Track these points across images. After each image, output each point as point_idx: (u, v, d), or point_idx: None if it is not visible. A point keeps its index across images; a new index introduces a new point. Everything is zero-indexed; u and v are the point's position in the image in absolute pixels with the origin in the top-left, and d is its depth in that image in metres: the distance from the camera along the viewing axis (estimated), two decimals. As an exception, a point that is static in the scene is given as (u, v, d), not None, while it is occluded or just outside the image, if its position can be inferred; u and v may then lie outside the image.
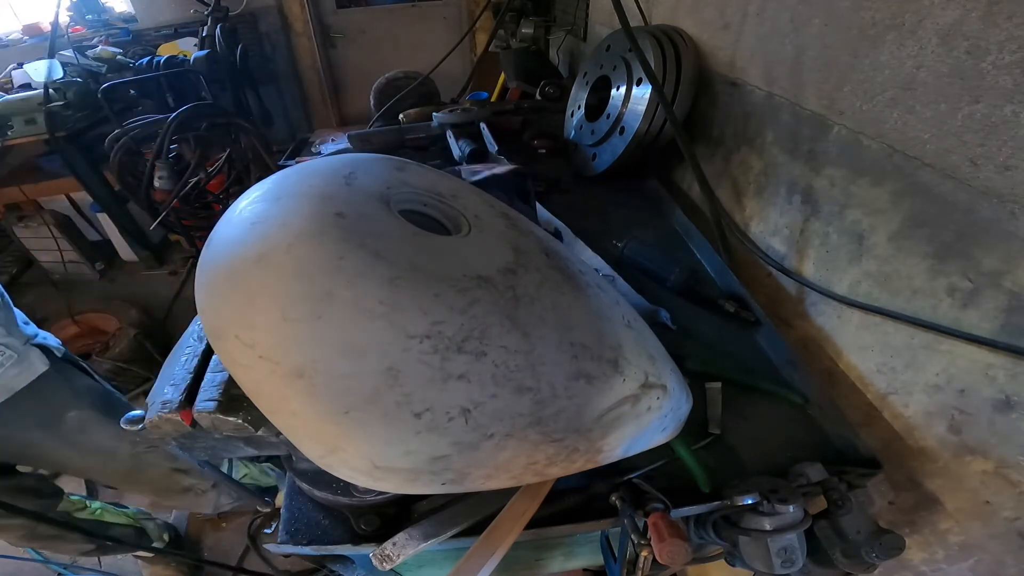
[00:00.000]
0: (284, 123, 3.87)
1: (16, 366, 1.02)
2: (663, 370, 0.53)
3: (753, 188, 1.00)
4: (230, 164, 2.21)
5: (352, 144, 1.50)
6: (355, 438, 0.38)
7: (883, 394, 0.71)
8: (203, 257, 0.43)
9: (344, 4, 3.70)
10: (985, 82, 0.54)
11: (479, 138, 1.40)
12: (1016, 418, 0.54)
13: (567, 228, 1.06)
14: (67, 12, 3.02)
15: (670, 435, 0.57)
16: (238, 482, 1.61)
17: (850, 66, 0.72)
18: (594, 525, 0.59)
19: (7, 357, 1.00)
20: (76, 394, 1.13)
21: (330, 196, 0.45)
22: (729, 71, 1.04)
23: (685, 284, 0.90)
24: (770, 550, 0.54)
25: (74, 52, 2.53)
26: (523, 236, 0.54)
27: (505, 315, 0.42)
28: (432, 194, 0.55)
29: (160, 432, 0.46)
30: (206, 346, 0.51)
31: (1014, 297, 0.53)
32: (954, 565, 0.66)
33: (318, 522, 0.59)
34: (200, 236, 2.37)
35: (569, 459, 0.46)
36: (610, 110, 1.21)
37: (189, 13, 3.10)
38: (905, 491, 0.70)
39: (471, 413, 0.39)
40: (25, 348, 1.04)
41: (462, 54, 3.74)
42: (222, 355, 0.40)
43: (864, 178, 0.72)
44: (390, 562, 0.52)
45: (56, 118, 2.26)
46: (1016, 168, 0.51)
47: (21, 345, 1.04)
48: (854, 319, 0.76)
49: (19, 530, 1.19)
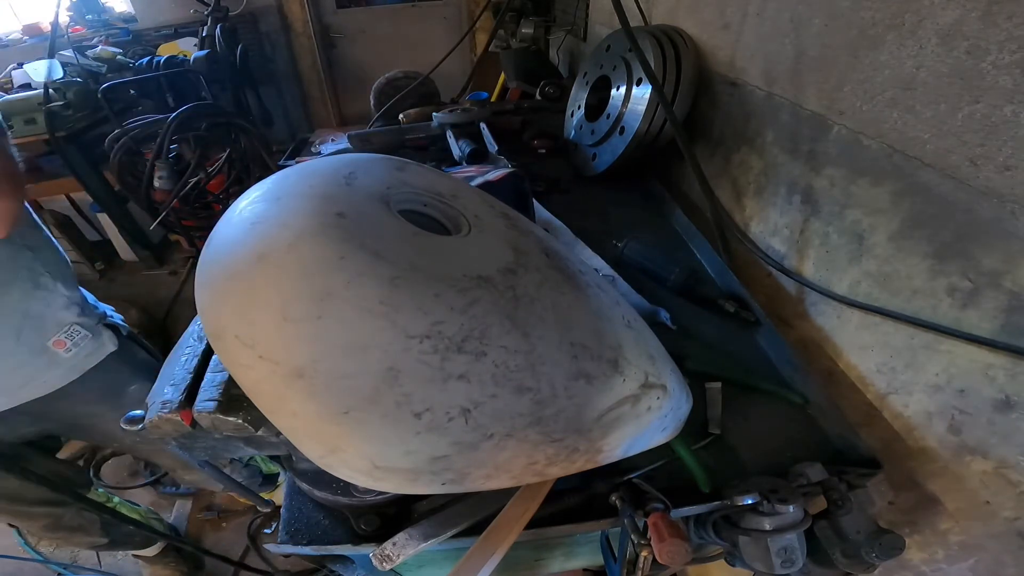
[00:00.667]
0: (284, 123, 3.87)
1: (90, 344, 1.03)
2: (663, 370, 0.53)
3: (753, 188, 1.00)
4: (230, 164, 2.21)
5: (352, 144, 1.50)
6: (355, 438, 0.38)
7: (883, 394, 0.71)
8: (203, 257, 0.43)
9: (344, 4, 3.71)
10: (985, 82, 0.54)
11: (479, 138, 1.40)
12: (1016, 418, 0.54)
13: (567, 228, 1.06)
14: (67, 12, 3.02)
15: (670, 435, 0.57)
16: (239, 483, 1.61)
17: (850, 66, 0.72)
18: (594, 525, 0.59)
19: (82, 336, 1.01)
20: (136, 368, 1.13)
21: (330, 196, 0.45)
22: (729, 71, 1.04)
23: (685, 284, 0.90)
24: (770, 550, 0.54)
25: (74, 52, 2.53)
26: (523, 236, 0.54)
27: (505, 315, 0.42)
28: (432, 194, 0.55)
29: (160, 432, 0.46)
30: (206, 346, 0.51)
31: (1014, 297, 0.53)
32: (954, 565, 0.66)
33: (318, 522, 0.59)
34: (200, 236, 2.37)
35: (569, 459, 0.45)
36: (610, 110, 1.21)
37: (189, 13, 3.11)
38: (905, 491, 0.70)
39: (471, 413, 0.39)
40: (98, 328, 1.05)
41: (462, 54, 3.74)
42: (222, 355, 0.40)
43: (864, 178, 0.72)
44: (390, 562, 0.52)
45: (56, 118, 2.26)
46: (1016, 168, 0.51)
47: (94, 324, 1.04)
48: (854, 319, 0.76)
49: (43, 519, 1.18)
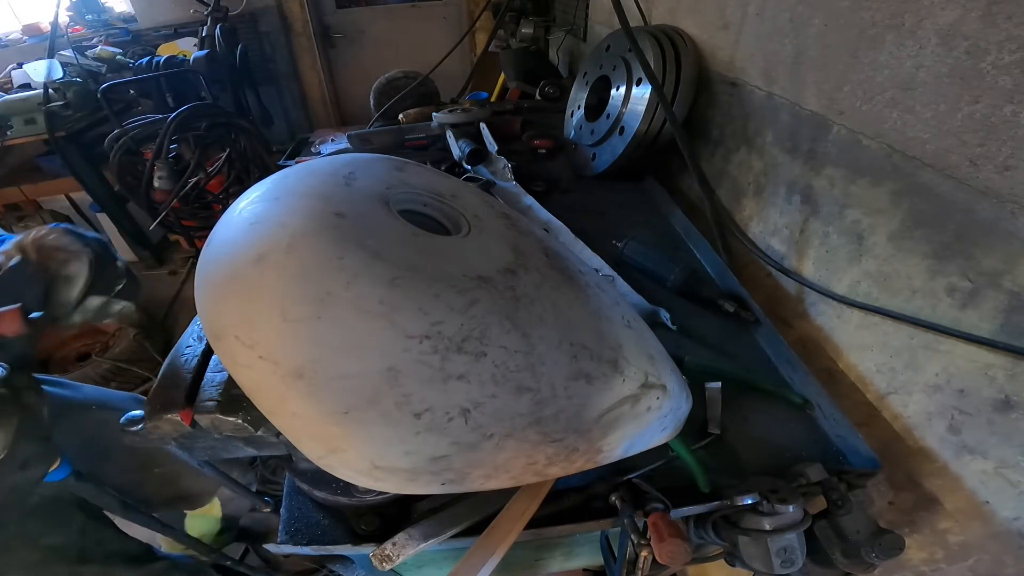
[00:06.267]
0: (284, 123, 3.87)
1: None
2: (663, 370, 0.53)
3: (753, 188, 1.00)
4: (230, 164, 2.21)
5: (352, 144, 1.51)
6: (355, 438, 0.38)
7: (883, 394, 0.71)
8: (203, 257, 0.43)
9: (344, 4, 3.70)
10: (985, 82, 0.54)
11: (479, 138, 1.40)
12: (1016, 418, 0.54)
13: (567, 228, 1.06)
14: (67, 12, 3.02)
15: (670, 435, 0.57)
16: (238, 482, 1.61)
17: (850, 66, 0.72)
18: (594, 525, 0.59)
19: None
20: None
21: (330, 196, 0.45)
22: (729, 71, 1.04)
23: (685, 284, 0.90)
24: (770, 550, 0.54)
25: (74, 52, 2.53)
26: (523, 236, 0.54)
27: (505, 315, 0.42)
28: (432, 194, 0.55)
29: (160, 432, 0.46)
30: (206, 346, 0.51)
31: (1014, 297, 0.53)
32: (954, 565, 0.66)
33: (318, 522, 0.59)
34: (200, 236, 2.37)
35: (569, 459, 0.46)
36: (610, 110, 1.21)
37: (189, 13, 3.10)
38: (905, 491, 0.70)
39: (471, 413, 0.39)
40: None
41: (462, 54, 3.74)
42: (222, 355, 0.40)
43: (864, 178, 0.72)
44: (390, 562, 0.52)
45: (56, 118, 2.26)
46: (1015, 168, 0.51)
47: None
48: (854, 319, 0.76)
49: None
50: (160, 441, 0.47)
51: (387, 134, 1.55)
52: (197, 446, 0.49)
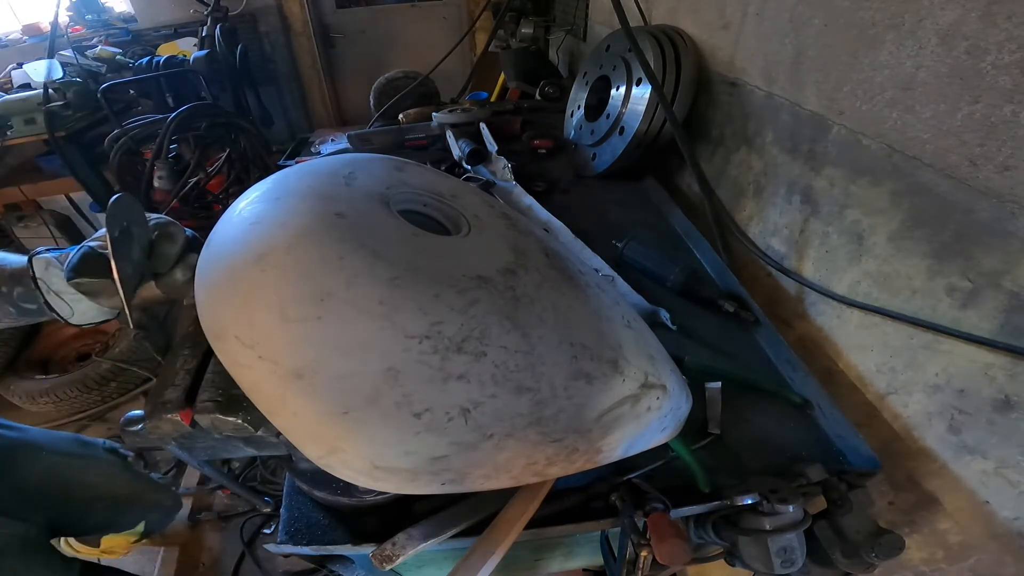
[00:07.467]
0: (284, 123, 3.87)
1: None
2: (663, 370, 0.53)
3: (753, 188, 1.00)
4: (230, 164, 2.21)
5: (352, 144, 1.51)
6: (355, 438, 0.38)
7: (882, 394, 0.71)
8: (203, 257, 0.43)
9: (344, 4, 3.70)
10: (984, 82, 0.54)
11: (479, 138, 1.40)
12: (1016, 418, 0.54)
13: (567, 228, 1.06)
14: (67, 12, 3.02)
15: (670, 435, 0.57)
16: (238, 482, 1.61)
17: (850, 66, 0.72)
18: (594, 525, 0.59)
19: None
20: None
21: (330, 196, 0.45)
22: (729, 71, 1.04)
23: (685, 284, 0.90)
24: (770, 550, 0.54)
25: (74, 52, 2.53)
26: (523, 236, 0.54)
27: (505, 315, 0.42)
28: (432, 194, 0.55)
29: (160, 432, 0.46)
30: (206, 346, 0.51)
31: (1014, 297, 0.53)
32: (954, 565, 0.66)
33: (318, 522, 0.59)
34: (200, 236, 2.36)
35: (569, 459, 0.45)
36: (610, 110, 1.21)
37: (189, 13, 3.10)
38: (905, 491, 0.70)
39: (471, 413, 0.39)
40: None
41: (462, 54, 3.74)
42: (222, 355, 0.40)
43: (864, 178, 0.72)
44: (390, 562, 0.52)
45: (56, 118, 2.25)
46: (1015, 168, 0.51)
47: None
48: (854, 319, 0.76)
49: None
50: (160, 441, 0.47)
51: (387, 134, 1.55)
52: (197, 446, 0.49)
